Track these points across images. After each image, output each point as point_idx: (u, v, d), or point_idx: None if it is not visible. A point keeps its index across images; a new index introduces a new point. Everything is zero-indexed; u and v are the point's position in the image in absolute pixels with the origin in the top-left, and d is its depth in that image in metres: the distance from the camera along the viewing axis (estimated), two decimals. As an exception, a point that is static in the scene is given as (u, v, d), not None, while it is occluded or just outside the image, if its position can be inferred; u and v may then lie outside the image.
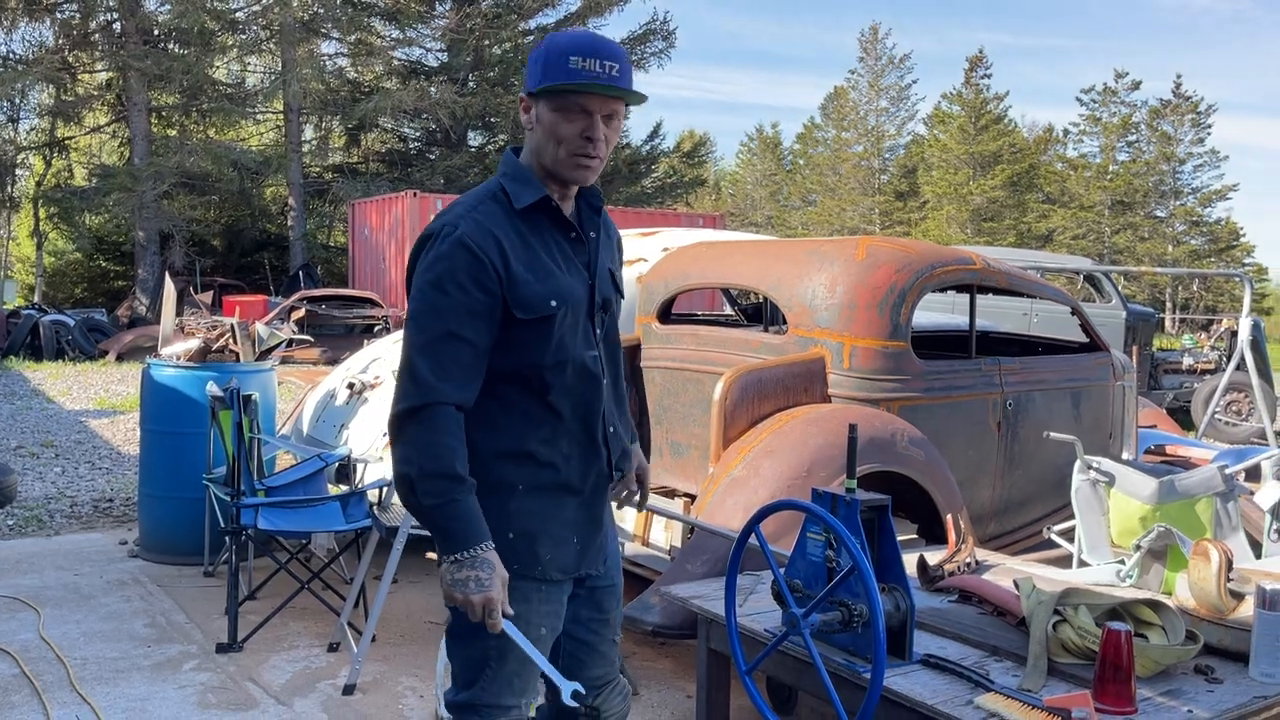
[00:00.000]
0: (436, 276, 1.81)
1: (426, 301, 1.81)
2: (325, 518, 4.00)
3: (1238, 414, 10.89)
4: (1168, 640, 2.42)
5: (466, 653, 1.97)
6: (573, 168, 1.89)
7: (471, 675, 1.97)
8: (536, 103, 1.89)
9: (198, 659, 3.77)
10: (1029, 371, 4.26)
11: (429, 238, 1.86)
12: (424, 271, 1.83)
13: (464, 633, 1.95)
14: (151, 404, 5.00)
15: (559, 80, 1.83)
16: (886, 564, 2.50)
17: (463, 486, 1.78)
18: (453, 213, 1.87)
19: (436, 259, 1.82)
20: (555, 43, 1.86)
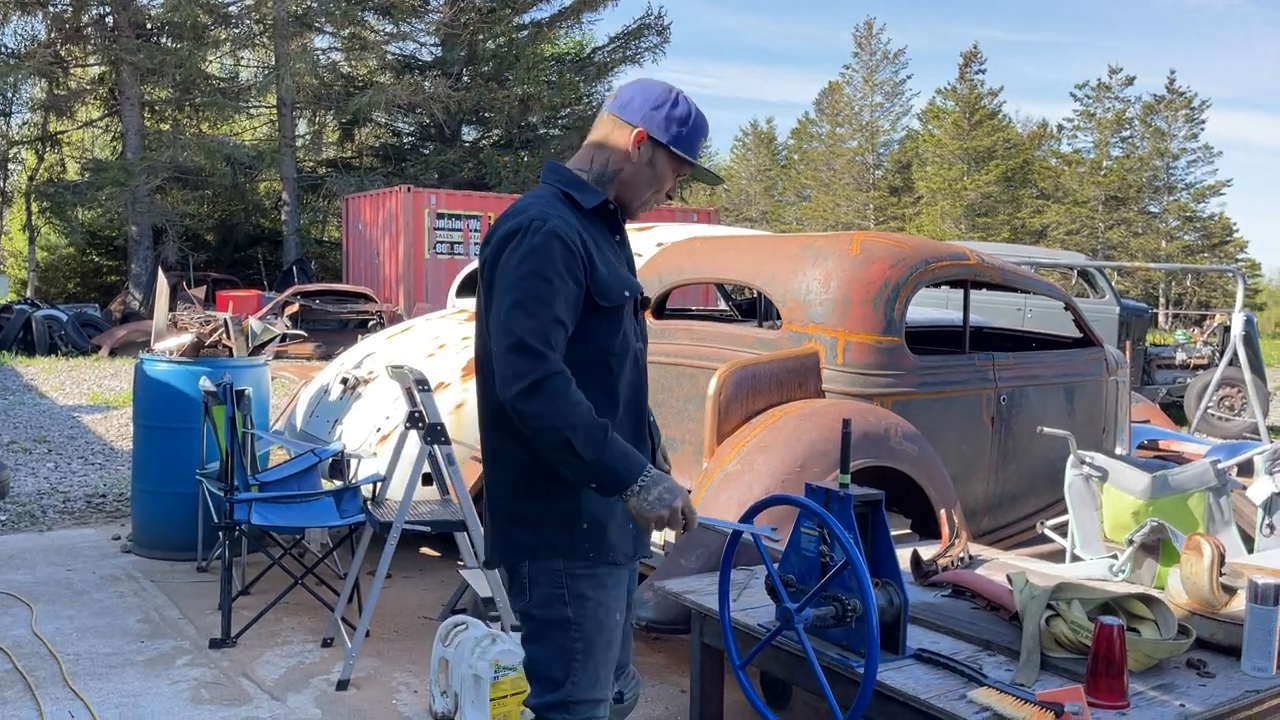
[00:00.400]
0: (537, 265, 1.89)
1: (530, 289, 1.88)
2: (319, 513, 4.00)
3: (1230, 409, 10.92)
4: (1160, 634, 2.42)
5: (550, 652, 2.01)
6: (649, 205, 2.13)
7: (560, 674, 2.01)
8: (657, 150, 2.06)
9: (191, 654, 3.77)
10: (1023, 367, 4.26)
11: (518, 231, 1.93)
12: (522, 261, 1.90)
13: (545, 633, 2.01)
14: (144, 399, 4.99)
15: (690, 155, 2.07)
16: (880, 559, 2.51)
17: (609, 428, 1.87)
18: (533, 209, 1.96)
19: (533, 249, 1.90)
20: (699, 122, 2.08)
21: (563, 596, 1.99)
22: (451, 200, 17.28)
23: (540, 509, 1.99)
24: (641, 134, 2.04)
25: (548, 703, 2.02)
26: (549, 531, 1.98)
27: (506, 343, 1.85)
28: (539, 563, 1.99)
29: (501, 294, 1.89)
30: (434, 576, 4.83)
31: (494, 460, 2.04)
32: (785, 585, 2.55)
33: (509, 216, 1.97)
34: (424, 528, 3.64)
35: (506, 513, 2.02)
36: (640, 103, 2.05)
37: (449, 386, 4.88)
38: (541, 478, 1.97)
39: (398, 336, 5.74)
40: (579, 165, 2.08)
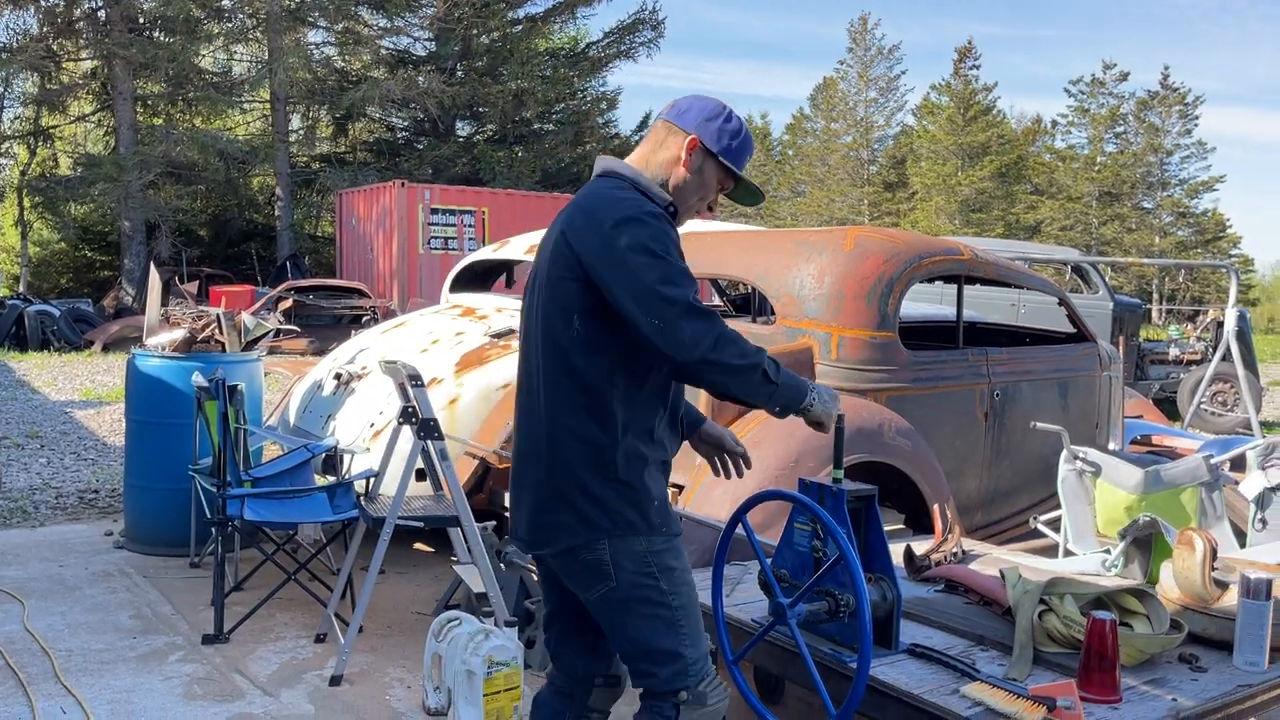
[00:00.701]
0: (666, 247, 2.01)
1: (676, 267, 2.01)
2: (311, 509, 3.99)
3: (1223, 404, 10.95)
4: (1152, 629, 2.43)
5: (654, 627, 2.09)
6: (688, 215, 2.21)
7: (671, 644, 2.09)
8: (708, 159, 2.16)
9: (183, 650, 3.76)
10: (1016, 362, 4.27)
11: (632, 219, 2.02)
12: (650, 242, 2.00)
13: (641, 611, 2.08)
14: (137, 394, 4.97)
15: (737, 167, 2.19)
16: (873, 554, 2.50)
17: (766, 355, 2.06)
18: (632, 200, 2.06)
19: (657, 233, 2.02)
20: (748, 139, 2.21)
21: (652, 573, 2.08)
22: (446, 195, 17.23)
23: (616, 490, 2.06)
24: (695, 141, 2.14)
25: (674, 672, 2.09)
26: (628, 512, 2.06)
27: (676, 311, 1.95)
28: (620, 546, 2.06)
29: (639, 271, 1.97)
30: (428, 572, 4.82)
31: (564, 442, 2.08)
32: (778, 580, 2.54)
33: (606, 206, 2.05)
34: (417, 523, 3.63)
35: (581, 494, 2.06)
36: (696, 113, 2.16)
37: (442, 382, 4.87)
38: (616, 460, 2.06)
39: (391, 332, 5.72)
40: (633, 169, 2.16)
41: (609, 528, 2.06)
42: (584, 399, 2.06)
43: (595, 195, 2.10)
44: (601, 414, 2.05)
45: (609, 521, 2.06)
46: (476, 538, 3.60)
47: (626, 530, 2.06)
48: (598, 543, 2.06)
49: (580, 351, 2.05)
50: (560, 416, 2.08)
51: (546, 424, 2.10)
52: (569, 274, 2.05)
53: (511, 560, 3.93)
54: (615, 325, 2.03)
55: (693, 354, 1.96)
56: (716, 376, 2.01)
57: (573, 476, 2.07)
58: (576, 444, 2.06)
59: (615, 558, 2.07)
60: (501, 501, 4.55)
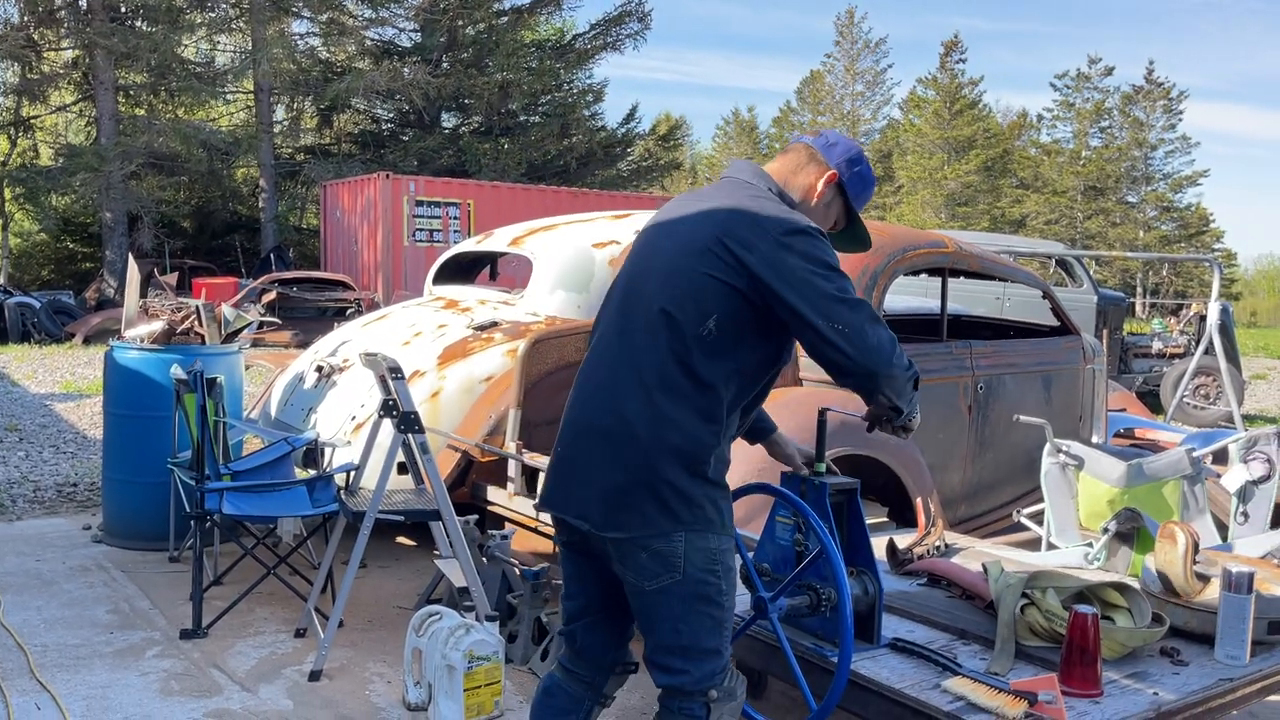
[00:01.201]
0: (835, 261, 2.07)
1: (848, 279, 2.07)
2: (291, 502, 3.95)
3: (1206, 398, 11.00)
4: (1134, 623, 2.42)
5: (704, 624, 2.08)
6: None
7: (715, 642, 2.09)
8: (838, 198, 2.27)
9: (161, 645, 3.72)
10: (1000, 355, 4.26)
11: (802, 231, 2.05)
12: (822, 254, 2.05)
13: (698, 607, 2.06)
14: (115, 387, 4.92)
15: (858, 206, 2.30)
16: (855, 548, 2.49)
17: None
18: (791, 213, 2.10)
19: (825, 247, 2.07)
20: (872, 189, 2.32)
21: (717, 571, 2.07)
22: (431, 187, 17.15)
23: (705, 488, 2.06)
24: (834, 176, 2.23)
25: (709, 671, 2.09)
26: (709, 509, 2.06)
27: (862, 317, 2.00)
28: (694, 541, 2.05)
29: (818, 282, 2.01)
30: (409, 566, 4.79)
31: (664, 433, 2.04)
32: (760, 574, 2.53)
33: (771, 214, 2.07)
34: (397, 517, 3.60)
35: (668, 486, 2.03)
36: (842, 150, 2.25)
37: (425, 375, 4.83)
38: (710, 460, 2.06)
39: (373, 324, 5.68)
40: (778, 183, 2.22)
41: (689, 522, 2.05)
42: (697, 398, 2.04)
43: (753, 200, 2.11)
44: (710, 415, 2.05)
45: (690, 516, 2.05)
46: (458, 532, 3.57)
47: (705, 528, 2.06)
48: (674, 534, 2.05)
49: (705, 351, 2.04)
50: (665, 408, 2.04)
51: (645, 410, 2.05)
52: (721, 274, 2.04)
53: (494, 554, 3.91)
54: (746, 335, 2.06)
55: (878, 359, 2.01)
56: (888, 385, 2.06)
57: (664, 468, 2.04)
58: (678, 438, 2.04)
59: (688, 552, 2.05)
60: (484, 495, 4.52)
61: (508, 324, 5.08)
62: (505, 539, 3.95)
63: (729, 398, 2.07)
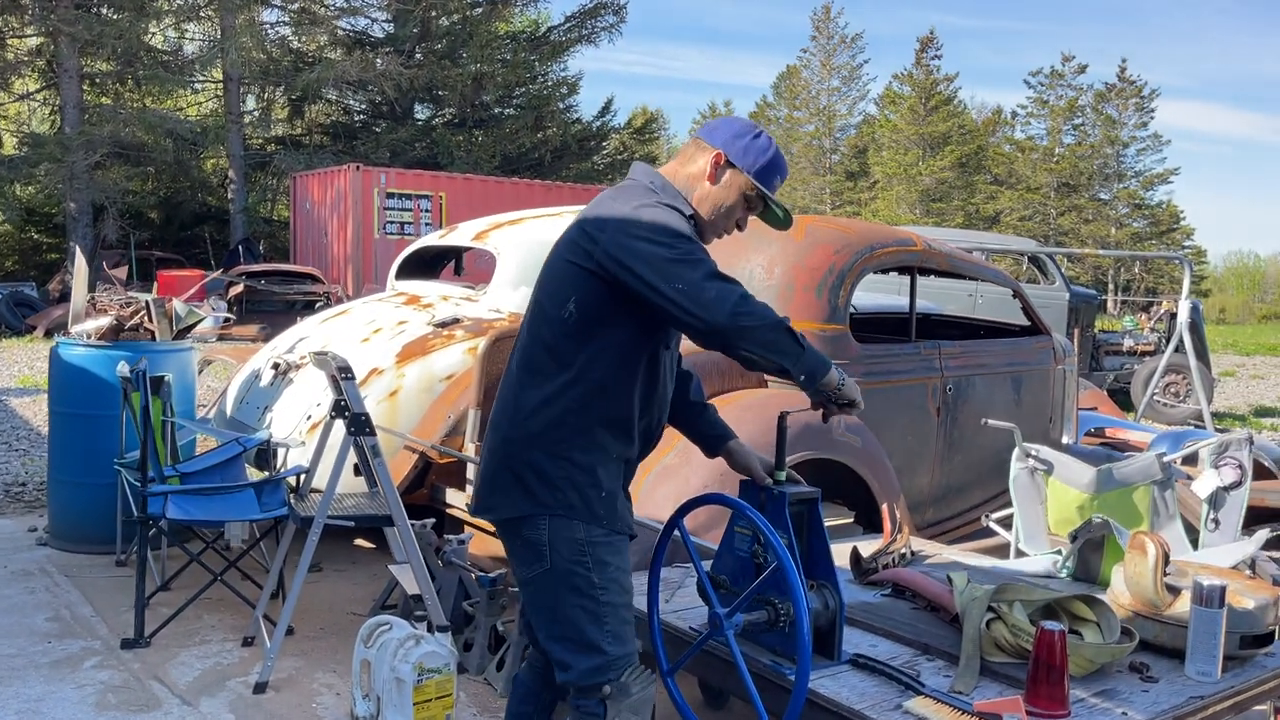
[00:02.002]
0: (679, 230, 2.03)
1: (695, 243, 2.04)
2: (239, 506, 3.81)
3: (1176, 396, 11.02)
4: (1103, 637, 2.34)
5: (578, 617, 2.08)
6: (714, 232, 2.23)
7: (594, 636, 2.08)
8: (734, 176, 2.18)
9: (100, 655, 3.57)
10: (969, 355, 4.18)
11: (651, 206, 2.07)
12: (669, 223, 2.03)
13: (568, 598, 2.08)
14: (60, 385, 4.76)
15: (767, 189, 2.19)
16: (815, 560, 2.39)
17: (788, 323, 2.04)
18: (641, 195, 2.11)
19: (675, 220, 2.05)
20: (778, 160, 2.21)
21: (585, 562, 2.07)
22: (402, 179, 16.94)
23: (566, 470, 2.06)
24: (720, 156, 2.18)
25: (593, 667, 2.08)
26: (570, 493, 2.06)
27: (700, 274, 1.96)
28: (559, 529, 2.07)
29: (659, 248, 1.98)
30: (367, 570, 4.66)
31: (526, 415, 2.09)
32: (717, 587, 2.42)
33: (627, 197, 2.10)
34: (347, 522, 3.47)
35: (528, 466, 2.08)
36: (724, 130, 2.21)
37: (383, 373, 4.70)
38: (573, 445, 2.07)
39: (333, 320, 5.53)
40: (663, 177, 2.20)
41: (550, 505, 2.06)
42: (559, 379, 2.08)
43: (619, 189, 2.16)
44: (573, 397, 2.07)
45: (551, 499, 2.07)
46: (410, 537, 3.45)
47: (567, 512, 2.07)
48: (539, 521, 2.08)
49: (566, 333, 2.07)
50: (529, 390, 2.10)
51: (514, 395, 2.13)
52: (577, 259, 2.07)
53: (450, 560, 3.79)
54: (606, 315, 2.06)
55: (720, 313, 1.94)
56: (745, 338, 1.98)
57: (525, 449, 2.09)
58: (539, 419, 2.08)
59: (553, 541, 2.07)
60: (443, 497, 4.40)
61: (469, 320, 4.95)
62: (462, 544, 3.83)
63: (596, 379, 2.07)
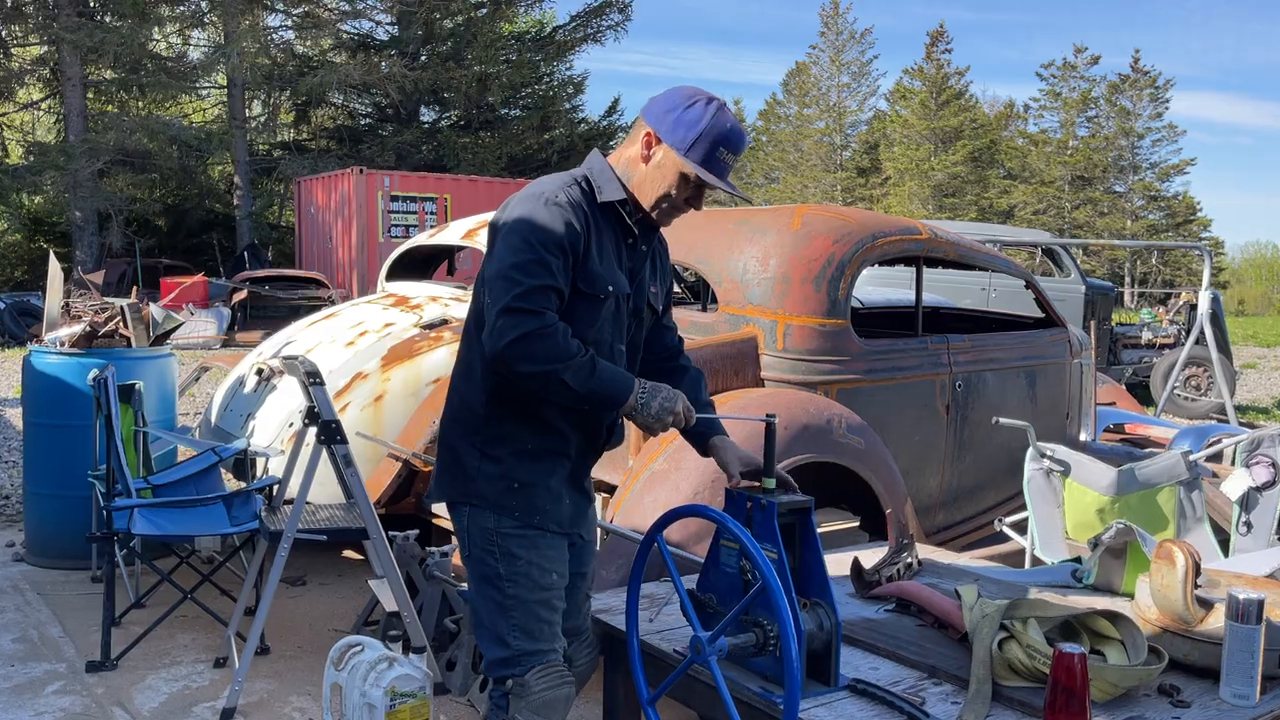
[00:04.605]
0: (538, 232, 1.99)
1: (536, 257, 1.97)
2: (209, 520, 3.62)
3: (1197, 389, 10.74)
4: (1128, 658, 2.11)
5: (489, 607, 2.10)
6: (661, 215, 2.14)
7: (501, 628, 2.09)
8: (667, 153, 2.07)
9: (64, 680, 3.39)
10: (980, 350, 3.96)
11: (530, 197, 2.04)
12: (526, 227, 1.99)
13: (481, 588, 2.11)
14: (34, 394, 4.59)
15: (701, 164, 2.05)
16: (809, 575, 2.18)
17: (595, 359, 1.99)
18: (548, 185, 2.07)
19: (544, 217, 2.00)
20: (715, 131, 2.05)
21: (494, 553, 2.09)
22: (406, 182, 16.79)
23: (479, 461, 2.09)
24: (650, 134, 2.08)
25: (498, 659, 2.10)
26: (481, 484, 2.09)
27: (499, 305, 1.94)
28: (474, 518, 2.10)
29: (501, 254, 1.99)
30: (353, 582, 4.47)
31: (453, 404, 2.17)
32: (702, 607, 2.22)
33: (535, 187, 2.08)
34: (320, 537, 3.28)
35: (452, 453, 2.14)
36: (660, 104, 2.10)
37: (368, 377, 4.52)
38: (485, 435, 2.09)
39: (319, 323, 5.35)
40: (601, 162, 2.15)
41: (466, 493, 2.10)
42: (476, 368, 2.11)
43: (548, 176, 2.13)
44: (484, 385, 2.09)
45: (466, 486, 2.10)
46: (386, 552, 3.25)
47: (481, 503, 2.09)
48: (461, 508, 2.12)
49: (478, 320, 2.09)
50: (456, 379, 2.18)
51: (451, 384, 2.20)
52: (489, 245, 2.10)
53: (433, 573, 3.59)
54: None
55: (492, 343, 1.96)
56: (517, 375, 1.98)
57: (449, 434, 2.16)
58: (462, 409, 2.14)
59: (470, 528, 2.12)
60: (430, 507, 4.21)
61: (457, 322, 4.76)
62: (445, 556, 3.63)
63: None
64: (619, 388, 2.02)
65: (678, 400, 2.07)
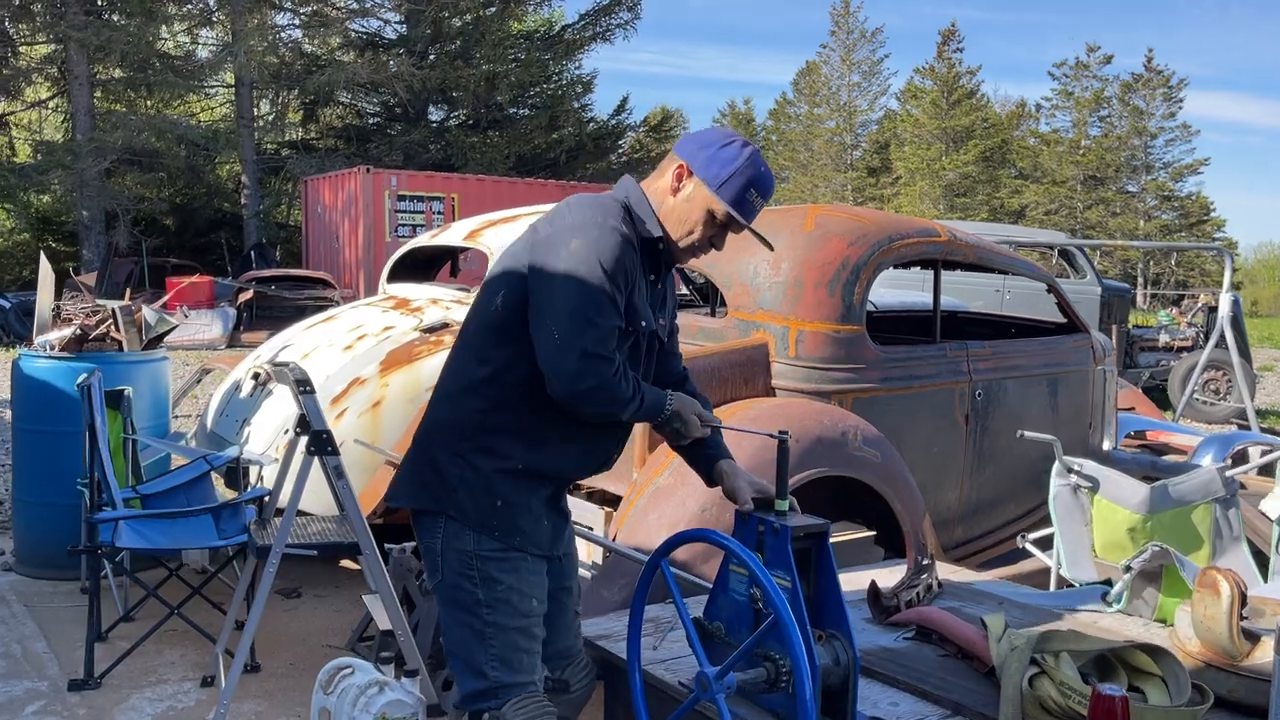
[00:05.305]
0: (607, 267, 1.92)
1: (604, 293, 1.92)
2: (196, 532, 3.49)
3: (1216, 393, 10.54)
4: (1170, 697, 1.96)
5: (465, 635, 2.01)
6: (684, 253, 2.09)
7: (479, 658, 2.00)
8: (697, 189, 2.03)
9: (45, 699, 3.25)
10: (1001, 357, 3.79)
11: (588, 225, 1.96)
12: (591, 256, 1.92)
13: (456, 614, 2.01)
14: (23, 399, 4.46)
15: (731, 204, 2.00)
16: (825, 604, 2.03)
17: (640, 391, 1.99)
18: (603, 210, 1.99)
19: (605, 248, 1.93)
20: (749, 172, 2.01)
21: (473, 577, 2.00)
22: (413, 181, 16.68)
23: (462, 469, 2.00)
24: (683, 167, 2.04)
25: (475, 691, 2.01)
26: (462, 495, 2.00)
27: (577, 349, 1.88)
28: (450, 539, 2.00)
29: (570, 285, 1.91)
30: (350, 594, 4.33)
31: (441, 405, 2.07)
32: (709, 636, 2.07)
33: (576, 206, 2.01)
34: (310, 551, 3.14)
35: (430, 458, 2.04)
36: (694, 140, 2.07)
37: (366, 383, 4.38)
38: (473, 445, 2.00)
39: (318, 326, 5.22)
40: (638, 191, 2.09)
41: (442, 501, 2.00)
42: (474, 374, 2.03)
43: (592, 197, 2.05)
44: (485, 394, 2.01)
45: (443, 496, 2.00)
46: (379, 567, 3.11)
47: (459, 515, 1.99)
48: (436, 524, 2.01)
49: (491, 328, 2.02)
50: (447, 382, 2.08)
51: (439, 385, 2.10)
52: (516, 253, 2.03)
53: (429, 588, 3.45)
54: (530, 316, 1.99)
55: (561, 387, 1.91)
56: (578, 411, 1.97)
57: (430, 440, 2.06)
58: (445, 412, 2.05)
59: (445, 551, 2.02)
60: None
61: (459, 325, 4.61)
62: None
63: (513, 381, 1.98)
64: (653, 408, 2.04)
65: (690, 423, 2.09)
